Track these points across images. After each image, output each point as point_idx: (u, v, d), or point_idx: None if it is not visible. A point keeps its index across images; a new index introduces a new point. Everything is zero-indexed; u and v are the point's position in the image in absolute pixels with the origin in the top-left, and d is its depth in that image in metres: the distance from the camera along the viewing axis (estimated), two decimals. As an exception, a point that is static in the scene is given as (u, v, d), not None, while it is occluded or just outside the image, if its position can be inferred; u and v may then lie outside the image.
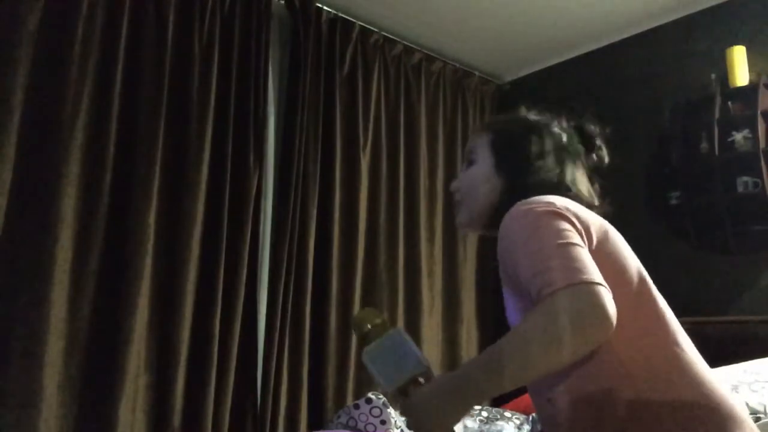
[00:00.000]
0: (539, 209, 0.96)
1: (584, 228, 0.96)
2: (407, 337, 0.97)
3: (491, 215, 1.14)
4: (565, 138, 1.18)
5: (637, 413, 0.85)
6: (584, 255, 0.88)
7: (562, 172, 1.13)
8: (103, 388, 2.23)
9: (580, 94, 3.43)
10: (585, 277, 0.82)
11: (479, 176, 1.19)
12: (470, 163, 1.23)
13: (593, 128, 1.22)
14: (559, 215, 0.95)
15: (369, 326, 0.98)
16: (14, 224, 2.13)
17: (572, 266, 0.84)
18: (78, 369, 2.21)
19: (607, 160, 1.22)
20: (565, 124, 1.22)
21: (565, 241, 0.89)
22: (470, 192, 1.19)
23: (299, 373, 2.76)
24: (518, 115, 1.25)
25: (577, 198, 1.10)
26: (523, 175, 1.13)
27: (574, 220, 0.95)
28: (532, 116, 1.23)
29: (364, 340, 0.98)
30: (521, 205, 1.00)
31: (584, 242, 0.92)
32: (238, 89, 2.75)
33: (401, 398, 0.94)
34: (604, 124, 1.25)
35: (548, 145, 1.16)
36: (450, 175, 3.52)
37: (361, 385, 2.90)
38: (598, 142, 1.22)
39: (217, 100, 2.67)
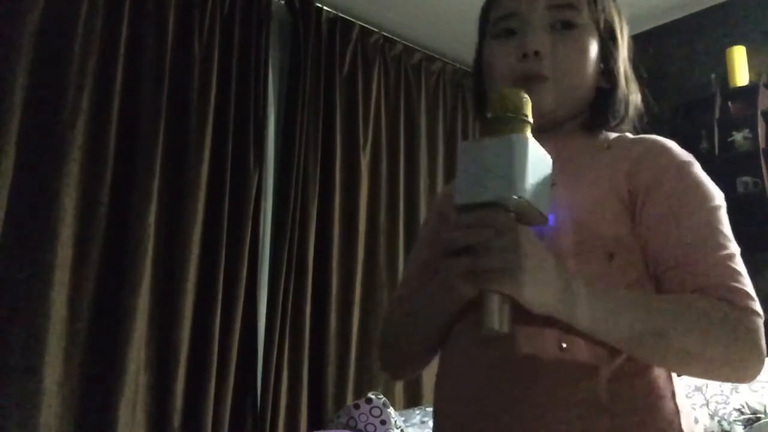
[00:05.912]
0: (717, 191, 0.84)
1: None
2: None
3: (577, 112, 0.85)
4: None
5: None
6: None
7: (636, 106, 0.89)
8: (103, 388, 2.23)
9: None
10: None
11: (591, 51, 0.82)
12: (568, 25, 0.82)
13: None
14: None
15: (512, 114, 0.67)
16: (14, 224, 2.13)
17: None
18: (78, 369, 2.21)
19: None
20: None
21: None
22: (571, 69, 0.81)
23: (299, 373, 2.76)
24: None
25: None
26: (620, 82, 0.86)
27: None
28: None
29: (500, 120, 0.68)
30: (694, 163, 0.85)
31: None
32: (238, 89, 2.75)
33: (516, 224, 0.65)
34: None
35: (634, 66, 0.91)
36: (450, 175, 3.52)
37: (361, 385, 2.90)
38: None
39: (217, 99, 2.66)
